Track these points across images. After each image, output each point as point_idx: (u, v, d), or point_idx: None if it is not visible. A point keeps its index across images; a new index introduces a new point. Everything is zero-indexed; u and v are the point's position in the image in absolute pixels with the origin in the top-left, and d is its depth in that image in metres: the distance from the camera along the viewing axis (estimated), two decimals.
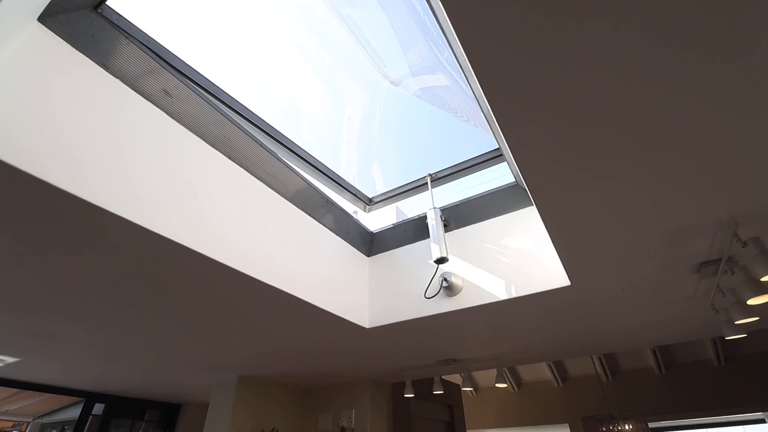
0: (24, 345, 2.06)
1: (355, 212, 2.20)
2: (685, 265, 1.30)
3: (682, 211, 1.04)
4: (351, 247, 1.91)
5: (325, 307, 1.62)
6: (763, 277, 0.99)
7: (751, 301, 1.13)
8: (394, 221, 2.07)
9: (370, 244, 2.02)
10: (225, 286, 1.37)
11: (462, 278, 1.62)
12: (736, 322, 1.28)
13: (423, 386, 5.01)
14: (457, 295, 1.60)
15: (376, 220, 2.16)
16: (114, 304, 1.50)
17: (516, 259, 1.52)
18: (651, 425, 9.16)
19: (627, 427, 4.24)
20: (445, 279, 1.60)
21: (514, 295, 1.48)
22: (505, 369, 7.50)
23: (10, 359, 2.41)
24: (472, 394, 8.23)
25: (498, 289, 1.52)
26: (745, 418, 8.27)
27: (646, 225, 1.09)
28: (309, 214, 1.71)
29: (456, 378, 8.17)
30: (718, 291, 1.35)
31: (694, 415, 6.36)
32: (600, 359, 6.83)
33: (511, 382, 7.74)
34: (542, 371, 7.54)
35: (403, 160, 2.33)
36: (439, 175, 1.91)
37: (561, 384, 7.38)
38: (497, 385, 2.30)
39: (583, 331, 1.95)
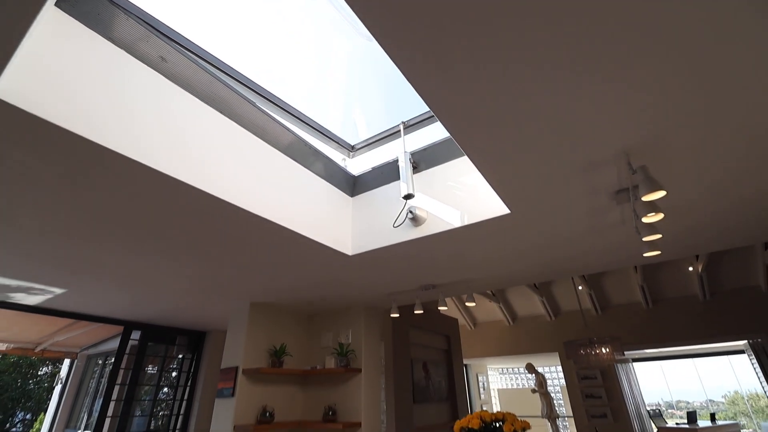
0: (68, 277, 2.48)
1: (344, 159, 2.46)
2: (604, 193, 1.55)
3: (587, 145, 1.27)
4: (336, 189, 2.21)
5: (315, 238, 1.95)
6: (644, 197, 1.24)
7: (645, 219, 1.40)
8: (376, 164, 2.33)
9: (353, 186, 2.31)
10: (229, 222, 1.69)
11: (426, 211, 1.91)
12: (644, 239, 1.55)
13: (421, 318, 5.56)
14: (421, 226, 1.90)
15: (363, 163, 2.43)
16: (140, 238, 1.85)
17: (469, 193, 1.79)
18: (637, 354, 9.85)
19: (604, 349, 4.70)
20: (411, 212, 1.89)
21: (466, 222, 1.77)
22: (502, 305, 8.06)
23: (58, 290, 2.86)
24: (471, 327, 8.89)
25: (454, 219, 1.81)
26: (727, 348, 8.82)
27: (561, 160, 1.33)
28: (298, 162, 1.99)
29: (454, 313, 8.80)
30: (636, 215, 1.61)
31: (678, 344, 6.86)
32: (590, 295, 7.29)
33: (507, 317, 8.34)
34: (536, 307, 8.08)
35: (384, 108, 2.53)
36: (412, 122, 2.14)
37: (553, 318, 7.93)
38: (467, 304, 2.67)
39: (534, 259, 2.26)
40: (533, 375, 7.90)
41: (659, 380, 10.28)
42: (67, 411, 5.95)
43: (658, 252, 1.79)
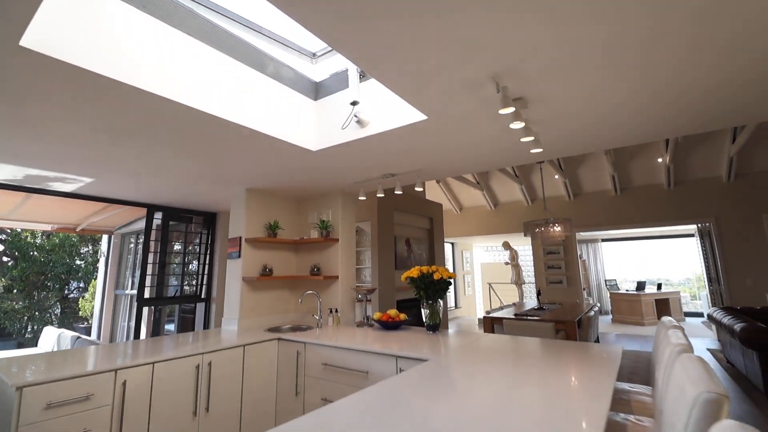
0: (95, 169, 3.10)
1: (314, 61, 2.81)
2: (495, 104, 1.99)
3: (469, 68, 1.69)
4: (300, 94, 2.63)
5: (285, 138, 2.47)
6: (500, 110, 1.71)
7: (513, 125, 1.88)
8: (336, 70, 2.70)
9: (316, 91, 2.72)
10: (214, 129, 2.19)
11: (369, 115, 2.38)
12: (521, 140, 2.05)
13: (407, 202, 6.34)
14: (365, 127, 2.39)
15: (327, 68, 2.79)
16: (146, 142, 2.39)
17: (401, 101, 2.23)
18: (605, 234, 10.85)
19: (556, 228, 5.49)
20: (356, 116, 2.37)
21: (397, 126, 2.26)
22: (485, 192, 8.77)
23: (87, 179, 3.52)
24: (457, 211, 9.78)
25: (389, 123, 2.29)
26: (683, 232, 9.69)
27: (451, 77, 1.75)
28: (262, 73, 2.39)
29: (440, 198, 9.59)
30: (528, 123, 2.07)
31: (639, 226, 7.67)
32: (565, 183, 7.89)
33: (489, 202, 9.12)
34: (516, 193, 8.78)
35: None
36: None
37: (530, 203, 8.68)
38: (416, 189, 3.29)
39: (461, 154, 2.76)
40: (508, 251, 9.05)
41: (626, 261, 11.55)
42: (114, 277, 7.24)
43: (541, 150, 2.29)
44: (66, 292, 12.34)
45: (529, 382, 1.66)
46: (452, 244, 11.05)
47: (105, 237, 7.28)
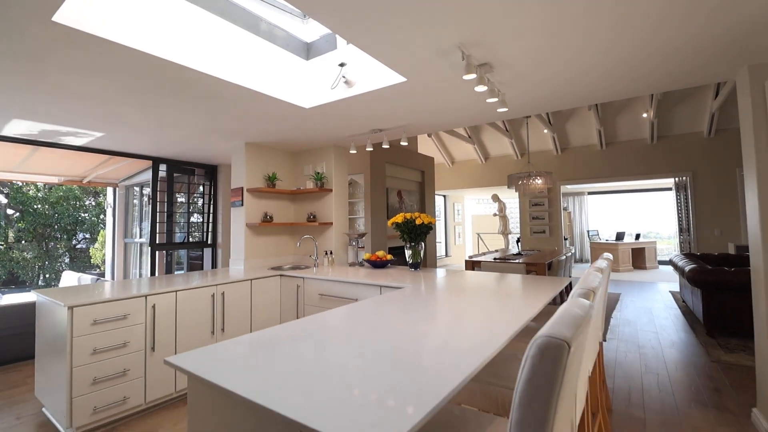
0: (104, 124, 3.37)
1: (305, 21, 3.00)
2: (463, 69, 2.25)
3: (441, 36, 1.95)
4: (293, 54, 2.86)
5: (278, 96, 2.74)
6: (463, 77, 2.00)
7: (477, 89, 2.17)
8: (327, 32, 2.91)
9: (308, 51, 2.94)
10: (213, 88, 2.46)
11: (356, 76, 2.64)
12: (487, 101, 2.34)
13: (399, 156, 6.64)
14: (353, 87, 2.66)
15: (316, 31, 2.99)
16: (150, 100, 2.66)
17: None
18: (591, 187, 11.23)
19: (538, 181, 5.84)
20: (344, 76, 2.63)
21: (379, 87, 2.53)
22: (476, 146, 9.01)
23: (98, 134, 3.79)
24: (449, 165, 10.06)
25: (374, 83, 2.56)
26: (667, 185, 10.04)
27: (423, 44, 2.02)
28: (256, 34, 2.61)
29: (433, 152, 9.84)
30: (492, 86, 2.35)
31: (625, 179, 8.01)
32: (553, 138, 8.13)
33: (480, 156, 9.39)
34: (506, 147, 9.02)
35: None
36: None
37: (519, 157, 8.95)
38: (402, 143, 3.60)
39: (440, 114, 3.04)
40: (496, 203, 9.46)
41: (611, 214, 12.02)
42: (122, 227, 7.65)
43: (507, 109, 2.58)
44: (74, 242, 12.85)
45: (479, 299, 2.11)
46: (444, 196, 11.45)
47: (110, 190, 7.60)
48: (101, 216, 12.70)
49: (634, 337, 4.16)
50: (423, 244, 3.53)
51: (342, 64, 2.59)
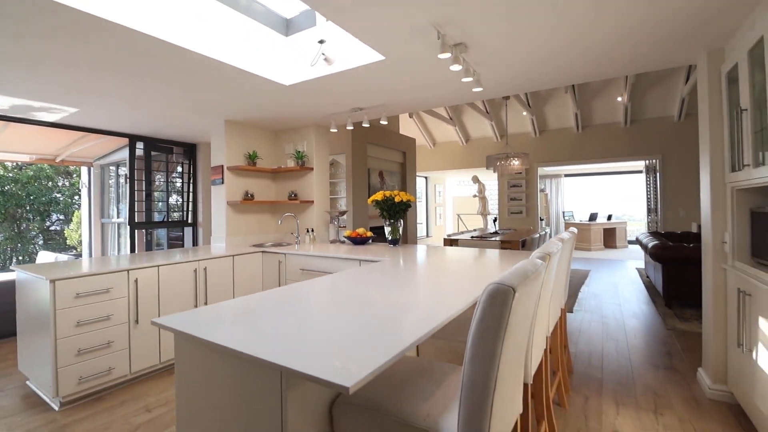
0: (79, 98, 3.30)
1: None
2: (441, 48, 2.32)
3: (411, 15, 2.01)
4: (272, 30, 2.86)
5: (257, 72, 2.75)
6: (438, 55, 2.07)
7: (452, 68, 2.25)
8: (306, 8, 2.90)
9: (287, 27, 2.94)
10: (190, 63, 2.46)
11: (335, 54, 2.67)
12: (462, 80, 2.43)
13: (381, 136, 6.67)
14: (332, 65, 2.69)
15: (296, 7, 2.98)
16: (132, 70, 2.63)
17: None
18: (567, 170, 11.53)
19: (515, 162, 6.00)
20: (323, 53, 2.66)
21: (359, 65, 2.57)
22: (457, 128, 9.10)
23: (71, 109, 3.71)
24: (431, 146, 10.15)
25: (353, 61, 2.60)
26: (635, 168, 10.41)
27: (399, 22, 2.07)
28: (234, 9, 2.60)
29: (415, 133, 9.89)
30: (468, 65, 2.43)
31: (599, 161, 8.26)
32: (532, 121, 8.29)
33: (461, 138, 9.50)
34: (486, 130, 9.15)
35: None
36: None
37: (499, 140, 9.10)
38: (382, 122, 3.66)
39: (417, 93, 3.11)
40: (476, 184, 9.64)
41: (586, 195, 12.41)
42: (98, 207, 7.50)
43: (482, 89, 2.68)
44: (47, 224, 12.48)
45: (452, 270, 2.25)
46: (426, 178, 11.57)
47: (84, 169, 7.40)
48: (75, 197, 12.33)
49: (599, 308, 4.43)
50: (402, 221, 3.64)
51: (321, 41, 2.61)
